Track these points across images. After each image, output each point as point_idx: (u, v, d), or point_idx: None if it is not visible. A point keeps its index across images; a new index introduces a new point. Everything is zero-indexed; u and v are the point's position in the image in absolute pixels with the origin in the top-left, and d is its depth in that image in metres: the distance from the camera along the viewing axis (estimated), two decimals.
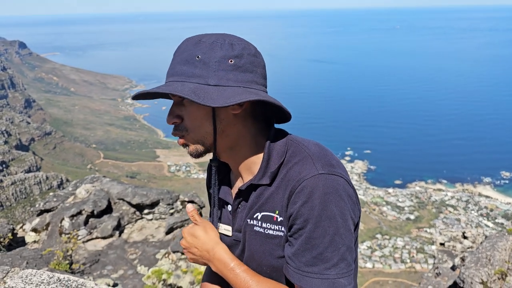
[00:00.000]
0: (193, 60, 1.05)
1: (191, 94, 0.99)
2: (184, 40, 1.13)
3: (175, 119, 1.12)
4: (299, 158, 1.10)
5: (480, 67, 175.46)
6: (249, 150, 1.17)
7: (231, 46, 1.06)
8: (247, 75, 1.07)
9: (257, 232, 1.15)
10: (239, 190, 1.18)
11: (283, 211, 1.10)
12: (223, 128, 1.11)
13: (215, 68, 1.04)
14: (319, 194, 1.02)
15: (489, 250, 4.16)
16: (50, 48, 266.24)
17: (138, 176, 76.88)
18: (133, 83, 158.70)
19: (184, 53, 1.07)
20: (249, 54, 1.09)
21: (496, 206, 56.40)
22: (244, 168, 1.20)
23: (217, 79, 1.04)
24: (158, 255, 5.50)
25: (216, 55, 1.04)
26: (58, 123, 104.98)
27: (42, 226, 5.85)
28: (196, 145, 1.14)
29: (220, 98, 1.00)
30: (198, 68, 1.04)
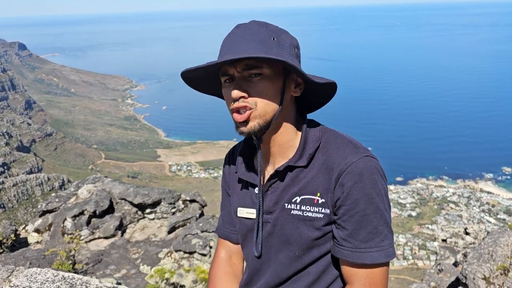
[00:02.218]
0: (269, 41, 1.10)
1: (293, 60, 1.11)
2: (246, 23, 1.16)
3: (244, 93, 1.12)
4: (339, 144, 1.19)
5: (481, 63, 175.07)
6: (290, 133, 1.22)
7: (291, 37, 1.17)
8: (299, 65, 1.16)
9: (295, 215, 1.19)
10: (276, 171, 1.22)
11: (327, 194, 1.16)
12: (283, 107, 1.17)
13: (288, 51, 1.12)
14: (368, 174, 1.12)
15: (491, 246, 4.16)
16: (50, 49, 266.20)
17: (140, 176, 76.92)
18: (133, 83, 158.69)
19: (259, 34, 1.10)
20: (299, 49, 1.20)
21: (498, 202, 56.35)
22: (279, 151, 1.24)
23: (290, 60, 1.09)
24: (161, 254, 5.51)
25: (287, 41, 1.14)
26: (59, 124, 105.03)
27: (44, 227, 5.86)
28: (258, 120, 1.14)
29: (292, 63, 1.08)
30: (275, 48, 1.10)
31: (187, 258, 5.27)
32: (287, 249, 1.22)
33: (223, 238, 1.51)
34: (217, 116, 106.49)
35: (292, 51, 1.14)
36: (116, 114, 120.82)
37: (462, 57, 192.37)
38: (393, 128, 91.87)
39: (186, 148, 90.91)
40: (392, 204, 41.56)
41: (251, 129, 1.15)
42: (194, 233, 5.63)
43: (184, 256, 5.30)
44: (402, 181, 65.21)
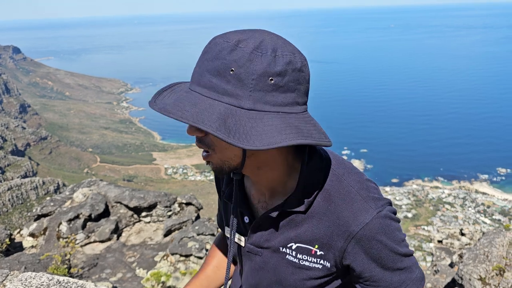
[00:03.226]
0: (226, 72, 0.87)
1: (221, 128, 0.83)
2: (218, 37, 0.93)
3: (197, 132, 0.95)
4: (345, 194, 1.03)
5: (475, 65, 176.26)
6: (279, 171, 1.05)
7: (273, 58, 0.87)
8: (288, 95, 0.90)
9: (290, 261, 1.09)
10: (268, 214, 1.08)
11: (327, 249, 1.04)
12: (253, 151, 0.97)
13: (252, 87, 0.86)
14: (385, 237, 1.00)
15: (486, 247, 4.18)
16: (44, 52, 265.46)
17: (135, 179, 76.73)
18: (128, 86, 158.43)
19: (216, 61, 0.88)
20: (294, 70, 0.90)
21: (493, 202, 56.63)
22: (270, 187, 1.09)
23: (252, 101, 0.86)
24: (157, 257, 5.49)
25: (254, 70, 0.86)
26: (54, 127, 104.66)
27: (39, 231, 5.83)
28: (221, 166, 0.99)
29: (254, 136, 0.84)
30: (231, 84, 0.86)
31: (183, 261, 5.25)
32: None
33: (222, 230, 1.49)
34: None
35: (263, 84, 0.87)
36: (111, 117, 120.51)
37: (456, 59, 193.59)
38: (389, 129, 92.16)
39: (181, 151, 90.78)
40: None
41: (217, 171, 1.01)
42: (190, 236, 5.62)
43: (180, 259, 5.29)
44: (398, 183, 65.43)
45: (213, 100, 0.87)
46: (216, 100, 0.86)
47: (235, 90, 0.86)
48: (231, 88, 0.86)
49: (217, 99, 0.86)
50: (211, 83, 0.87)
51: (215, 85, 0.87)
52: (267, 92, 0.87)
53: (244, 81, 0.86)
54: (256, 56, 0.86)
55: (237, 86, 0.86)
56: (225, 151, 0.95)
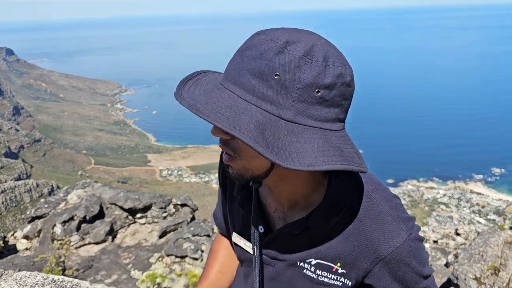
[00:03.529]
0: (269, 76, 0.77)
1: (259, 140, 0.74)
2: (263, 34, 0.82)
3: (223, 134, 0.85)
4: (375, 214, 0.97)
5: (470, 66, 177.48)
6: (303, 184, 0.97)
7: (324, 68, 0.78)
8: (332, 110, 0.82)
9: (308, 276, 1.03)
10: (289, 229, 1.00)
11: (351, 268, 0.98)
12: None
13: (296, 97, 0.78)
14: (415, 261, 0.97)
15: (481, 246, 4.19)
16: (38, 54, 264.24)
17: (130, 181, 76.47)
18: (122, 87, 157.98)
19: (260, 61, 0.78)
20: (343, 84, 0.82)
21: (488, 202, 56.97)
22: (291, 199, 1.01)
23: (294, 112, 0.78)
24: (152, 259, 5.47)
25: (301, 79, 0.77)
26: (48, 129, 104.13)
27: (33, 233, 5.79)
28: (243, 173, 0.91)
29: (293, 153, 0.76)
30: (273, 89, 0.78)
31: (178, 262, 5.24)
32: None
33: (221, 233, 1.42)
34: None
35: (308, 95, 0.78)
36: (106, 119, 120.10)
37: (451, 60, 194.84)
38: (384, 130, 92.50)
39: (176, 153, 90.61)
40: None
41: (237, 177, 0.93)
42: (185, 237, 5.60)
43: (176, 260, 5.27)
44: (393, 183, 65.62)
45: (251, 104, 0.78)
46: (254, 105, 0.78)
47: (276, 97, 0.78)
48: (272, 94, 0.78)
49: (255, 104, 0.78)
50: (251, 85, 0.79)
51: (255, 87, 0.78)
52: (311, 105, 0.79)
53: (288, 89, 0.77)
54: (306, 63, 0.77)
55: (280, 93, 0.77)
56: (252, 160, 0.87)
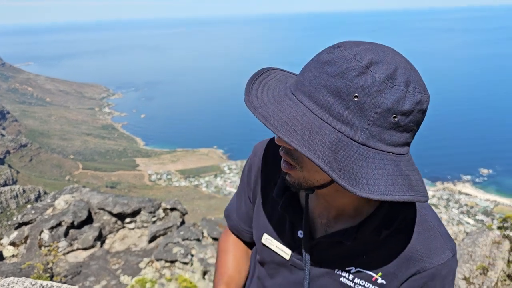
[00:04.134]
0: (349, 97, 0.75)
1: (333, 164, 0.73)
2: (347, 49, 0.80)
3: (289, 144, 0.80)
4: (425, 230, 0.97)
5: (456, 67, 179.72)
6: (358, 197, 0.96)
7: (405, 94, 0.76)
8: (404, 135, 0.80)
9: (344, 283, 1.02)
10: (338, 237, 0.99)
11: (391, 279, 0.97)
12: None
13: (372, 121, 0.75)
14: (450, 279, 0.97)
15: (470, 246, 4.23)
16: (24, 58, 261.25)
17: (119, 186, 75.87)
18: (110, 91, 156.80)
19: (340, 80, 0.75)
20: (419, 111, 0.80)
21: (476, 203, 57.62)
22: (340, 208, 1.01)
23: (367, 136, 0.76)
24: (141, 264, 5.42)
25: (381, 103, 0.74)
26: (34, 134, 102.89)
27: (20, 240, 5.70)
28: (302, 183, 0.90)
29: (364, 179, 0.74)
30: (349, 110, 0.75)
31: (168, 267, 5.20)
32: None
33: (234, 234, 1.39)
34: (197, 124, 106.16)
35: (384, 120, 0.76)
36: (93, 123, 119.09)
37: (438, 61, 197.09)
38: None
39: (165, 157, 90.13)
40: None
41: (294, 186, 0.92)
42: (175, 242, 5.57)
43: (166, 265, 5.23)
44: None
45: (325, 123, 0.76)
46: (328, 123, 0.76)
47: (352, 119, 0.75)
48: (348, 115, 0.75)
49: (329, 123, 0.76)
50: (327, 103, 0.76)
51: (331, 106, 0.76)
52: (385, 129, 0.77)
53: (366, 112, 0.75)
54: (387, 87, 0.75)
55: (356, 115, 0.75)
56: (314, 174, 0.86)
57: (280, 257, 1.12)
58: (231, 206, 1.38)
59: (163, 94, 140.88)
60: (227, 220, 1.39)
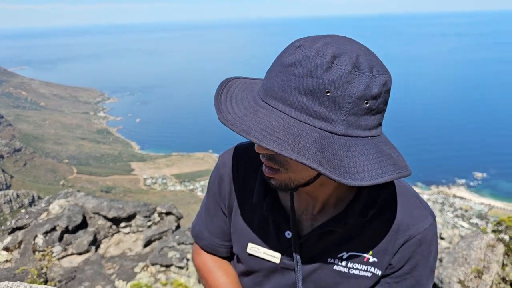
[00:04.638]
0: (321, 94, 0.76)
1: (323, 162, 0.74)
2: (305, 48, 0.80)
3: (270, 150, 0.84)
4: (406, 201, 1.01)
5: (450, 72, 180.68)
6: (341, 186, 1.00)
7: (371, 79, 0.79)
8: (376, 117, 0.84)
9: (338, 271, 1.03)
10: (327, 227, 1.01)
11: (383, 255, 1.01)
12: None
13: (347, 111, 0.78)
14: (434, 243, 1.01)
15: (465, 250, 4.24)
16: (18, 62, 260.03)
17: (113, 190, 75.52)
18: (105, 95, 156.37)
19: (310, 79, 0.76)
20: (386, 91, 0.84)
21: (470, 206, 57.77)
22: (324, 200, 1.03)
23: (346, 126, 0.79)
24: (137, 268, 5.40)
25: (352, 93, 0.77)
26: (28, 139, 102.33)
27: (14, 245, 5.66)
28: (287, 184, 0.92)
29: (353, 168, 0.76)
30: (324, 106, 0.77)
31: (163, 271, 5.18)
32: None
33: (209, 252, 1.31)
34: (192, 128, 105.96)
35: (358, 108, 0.79)
36: (88, 128, 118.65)
37: (431, 66, 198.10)
38: None
39: (160, 161, 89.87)
40: None
41: (281, 187, 0.93)
42: (170, 246, 5.55)
43: (161, 269, 5.21)
44: None
45: (304, 124, 0.78)
46: (308, 124, 0.78)
47: (328, 114, 0.78)
48: (324, 111, 0.77)
49: (309, 123, 0.78)
50: (301, 104, 0.77)
51: (306, 106, 0.77)
52: (360, 116, 0.80)
53: (340, 104, 0.77)
54: (355, 77, 0.77)
55: (332, 110, 0.77)
56: (300, 172, 0.88)
57: (270, 262, 1.11)
58: (200, 225, 1.31)
59: (159, 99, 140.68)
60: (197, 240, 1.32)
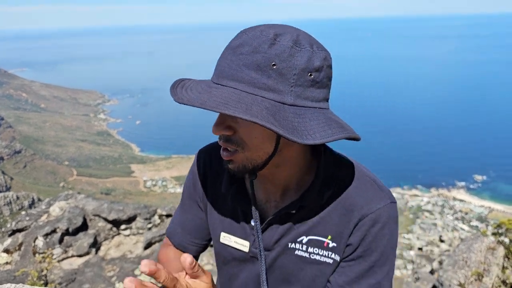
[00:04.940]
0: (267, 67, 0.84)
1: (277, 125, 0.79)
2: (250, 31, 0.89)
3: (226, 131, 0.92)
4: (360, 183, 1.03)
5: (450, 74, 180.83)
6: (296, 168, 1.03)
7: (312, 54, 0.87)
8: (322, 91, 0.91)
9: (299, 256, 1.05)
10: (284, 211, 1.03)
11: (340, 238, 1.02)
12: (281, 147, 0.95)
13: (293, 82, 0.85)
14: (389, 225, 0.99)
15: (465, 252, 4.24)
16: (18, 63, 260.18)
17: (113, 192, 75.49)
18: (105, 97, 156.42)
19: (256, 55, 0.84)
20: (328, 66, 0.92)
21: (470, 209, 57.70)
22: (284, 185, 1.06)
23: (294, 97, 0.86)
24: (137, 271, 5.39)
25: (296, 66, 0.85)
26: (29, 140, 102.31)
27: (14, 247, 5.66)
28: (245, 164, 0.96)
29: (306, 129, 0.83)
30: (272, 79, 0.84)
31: None
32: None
33: (179, 249, 1.31)
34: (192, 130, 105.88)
35: (303, 79, 0.86)
36: (88, 130, 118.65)
37: (431, 68, 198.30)
38: (366, 138, 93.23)
39: (161, 163, 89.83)
40: None
41: (239, 170, 0.97)
42: None
43: None
44: None
45: (255, 96, 0.84)
46: (259, 96, 0.84)
47: (277, 85, 0.84)
48: (272, 83, 0.84)
49: (259, 95, 0.84)
50: (251, 78, 0.84)
51: (255, 80, 0.84)
52: (306, 88, 0.86)
53: (286, 76, 0.84)
54: (297, 51, 0.85)
55: (279, 81, 0.84)
56: (256, 150, 0.93)
57: (240, 251, 1.13)
58: (174, 223, 1.33)
59: (158, 101, 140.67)
60: (170, 237, 1.33)
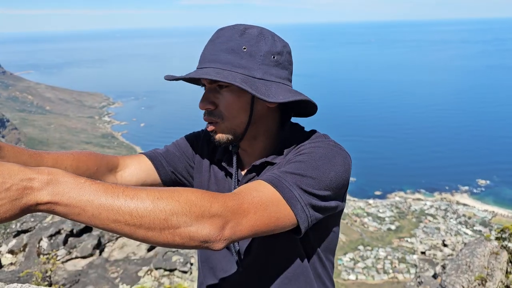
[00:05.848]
0: (239, 50, 1.09)
1: (245, 85, 1.03)
2: (225, 28, 1.15)
3: (209, 105, 1.13)
4: (314, 137, 1.19)
5: (453, 78, 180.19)
6: (270, 140, 1.23)
7: (274, 42, 1.13)
8: (284, 72, 1.15)
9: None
10: (252, 166, 1.20)
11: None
12: (256, 119, 1.16)
13: (260, 61, 1.10)
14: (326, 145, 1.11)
15: (468, 257, 4.23)
16: (24, 66, 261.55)
17: None
18: (110, 100, 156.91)
19: (230, 42, 1.10)
20: (287, 52, 1.17)
21: (474, 213, 57.38)
22: (260, 154, 1.23)
23: (262, 72, 1.10)
24: (140, 272, 5.42)
25: (262, 49, 1.10)
26: (34, 142, 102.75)
27: (19, 248, 5.70)
28: (227, 134, 1.16)
29: (271, 94, 1.07)
30: (244, 59, 1.09)
31: (167, 275, 5.20)
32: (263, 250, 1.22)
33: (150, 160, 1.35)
34: None
35: (268, 60, 1.11)
36: (93, 132, 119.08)
37: (435, 73, 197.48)
38: (370, 143, 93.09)
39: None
40: (371, 218, 41.42)
41: (221, 140, 1.17)
42: (174, 250, 5.57)
43: (165, 273, 5.23)
44: (381, 195, 65.83)
45: (230, 71, 1.08)
46: (233, 71, 1.08)
47: (247, 63, 1.09)
48: (244, 62, 1.09)
49: (234, 71, 1.08)
50: (227, 59, 1.09)
51: (231, 60, 1.08)
52: (271, 67, 1.11)
53: (254, 56, 1.09)
54: (261, 39, 1.11)
55: (249, 60, 1.09)
56: (233, 119, 1.13)
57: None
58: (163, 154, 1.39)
59: (163, 103, 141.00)
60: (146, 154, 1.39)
